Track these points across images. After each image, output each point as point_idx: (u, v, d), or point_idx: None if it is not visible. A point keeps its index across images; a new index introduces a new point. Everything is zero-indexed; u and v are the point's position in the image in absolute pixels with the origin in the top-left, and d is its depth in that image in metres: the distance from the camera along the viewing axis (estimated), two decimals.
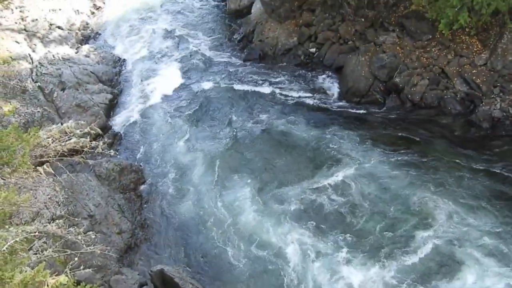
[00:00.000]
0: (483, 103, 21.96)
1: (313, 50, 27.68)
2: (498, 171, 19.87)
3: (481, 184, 19.43)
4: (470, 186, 19.43)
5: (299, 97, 25.57)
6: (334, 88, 25.73)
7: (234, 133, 23.76)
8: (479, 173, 19.90)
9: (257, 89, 26.50)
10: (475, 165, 20.27)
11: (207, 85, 27.47)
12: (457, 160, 20.54)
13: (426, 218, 18.42)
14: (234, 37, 31.39)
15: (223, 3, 34.78)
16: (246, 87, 26.65)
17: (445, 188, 19.43)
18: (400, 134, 22.34)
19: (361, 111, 23.97)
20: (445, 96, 22.82)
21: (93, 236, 15.21)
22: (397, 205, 19.03)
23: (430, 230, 17.90)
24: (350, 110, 24.21)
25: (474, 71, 22.51)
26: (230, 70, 28.30)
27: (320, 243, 18.04)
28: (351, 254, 17.53)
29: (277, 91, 26.17)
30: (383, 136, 22.40)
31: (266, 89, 26.39)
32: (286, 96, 25.72)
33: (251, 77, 27.47)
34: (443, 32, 22.87)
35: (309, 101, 25.20)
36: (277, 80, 26.95)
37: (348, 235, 18.18)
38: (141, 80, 28.73)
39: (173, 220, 20.24)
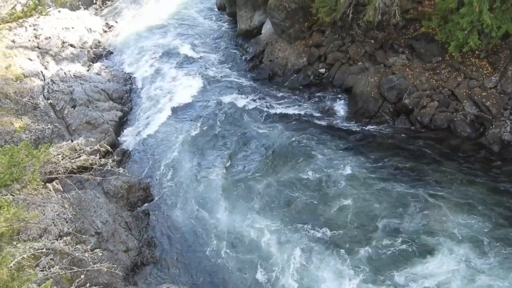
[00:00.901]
0: (493, 125, 21.87)
1: (322, 70, 27.82)
2: (502, 187, 19.89)
3: (479, 192, 19.79)
4: (466, 191, 19.86)
5: (308, 116, 25.61)
6: (343, 109, 25.76)
7: (242, 152, 23.87)
8: (479, 184, 20.17)
9: (266, 108, 26.60)
10: (478, 180, 20.42)
11: (216, 104, 27.64)
12: (461, 175, 20.65)
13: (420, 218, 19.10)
14: (244, 56, 31.64)
15: (234, 23, 35.11)
16: (255, 107, 26.77)
17: (439, 194, 19.98)
18: (407, 154, 22.28)
19: (370, 132, 23.92)
20: (455, 118, 22.75)
21: (100, 254, 15.18)
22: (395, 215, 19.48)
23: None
24: (358, 130, 24.15)
25: (484, 93, 22.47)
26: (240, 89, 28.48)
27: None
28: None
29: (286, 110, 26.25)
30: (389, 155, 22.36)
31: (275, 109, 26.49)
32: (295, 116, 25.78)
33: (260, 96, 27.60)
34: (453, 54, 22.94)
35: (318, 121, 25.22)
36: (286, 100, 27.06)
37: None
38: (151, 98, 28.98)
39: (179, 238, 20.20)
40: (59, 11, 33.98)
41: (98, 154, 18.33)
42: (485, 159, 21.37)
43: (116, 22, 38.28)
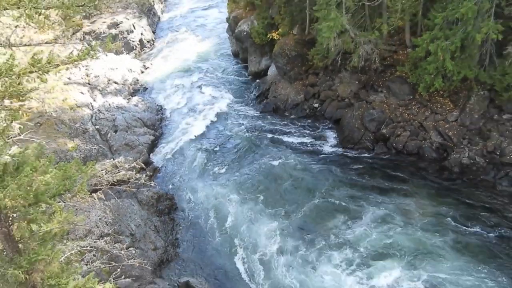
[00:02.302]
0: (455, 152, 21.76)
1: (316, 105, 27.90)
2: (461, 198, 20.00)
3: (431, 195, 20.26)
4: (420, 193, 20.44)
5: (304, 142, 25.64)
6: (332, 136, 25.76)
7: (249, 169, 23.86)
8: (433, 190, 20.48)
9: (270, 135, 26.64)
10: (434, 187, 20.72)
11: (230, 131, 27.75)
12: (424, 190, 20.71)
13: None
14: (253, 93, 31.84)
15: (245, 67, 35.42)
16: (262, 134, 26.82)
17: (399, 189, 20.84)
18: (383, 173, 22.25)
19: (354, 155, 23.89)
20: (423, 145, 22.68)
21: (134, 252, 15.05)
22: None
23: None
24: (345, 154, 24.13)
25: (447, 125, 22.42)
26: (250, 120, 28.58)
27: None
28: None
29: (286, 136, 26.30)
30: (366, 172, 22.41)
31: (277, 135, 26.53)
32: (293, 141, 25.80)
33: (266, 125, 27.68)
34: (421, 93, 23.04)
35: (311, 146, 25.24)
36: (286, 128, 27.12)
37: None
38: (177, 125, 29.13)
39: (198, 239, 20.10)
40: (106, 55, 34.43)
41: (134, 170, 18.25)
42: (447, 178, 21.28)
43: (151, 64, 38.71)
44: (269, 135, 26.58)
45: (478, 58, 21.04)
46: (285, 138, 26.09)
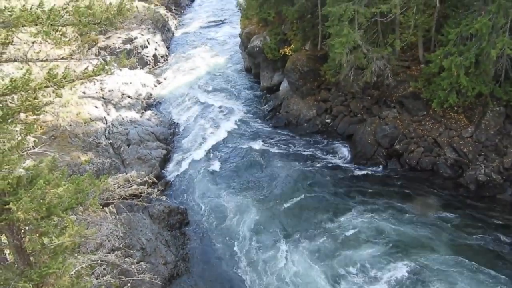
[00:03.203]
0: (470, 168, 21.45)
1: (328, 120, 27.86)
2: (471, 211, 20.04)
3: (444, 208, 20.41)
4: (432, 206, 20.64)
5: (315, 157, 25.54)
6: (345, 152, 25.62)
7: (259, 183, 23.84)
8: (450, 207, 20.40)
9: (282, 150, 26.62)
10: (450, 203, 20.72)
11: (241, 145, 27.78)
12: (439, 203, 20.79)
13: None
14: (265, 108, 31.94)
15: (257, 82, 35.60)
16: (274, 149, 26.80)
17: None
18: (395, 188, 22.11)
19: (366, 171, 23.69)
20: (438, 162, 22.41)
21: (144, 266, 15.05)
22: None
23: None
24: (357, 169, 23.96)
25: (462, 142, 22.15)
26: (262, 134, 28.61)
27: None
28: None
29: (297, 151, 26.24)
30: (380, 189, 22.22)
31: (289, 150, 26.48)
32: (304, 156, 25.72)
33: (278, 140, 27.67)
34: (435, 109, 22.84)
35: (323, 161, 25.12)
36: (298, 143, 27.07)
37: None
38: (190, 140, 29.26)
39: (210, 255, 19.97)
40: (120, 70, 34.94)
41: (146, 184, 18.35)
42: (462, 195, 21.00)
43: (165, 79, 39.11)
44: (281, 150, 26.55)
45: (493, 74, 20.87)
46: (298, 153, 26.03)
